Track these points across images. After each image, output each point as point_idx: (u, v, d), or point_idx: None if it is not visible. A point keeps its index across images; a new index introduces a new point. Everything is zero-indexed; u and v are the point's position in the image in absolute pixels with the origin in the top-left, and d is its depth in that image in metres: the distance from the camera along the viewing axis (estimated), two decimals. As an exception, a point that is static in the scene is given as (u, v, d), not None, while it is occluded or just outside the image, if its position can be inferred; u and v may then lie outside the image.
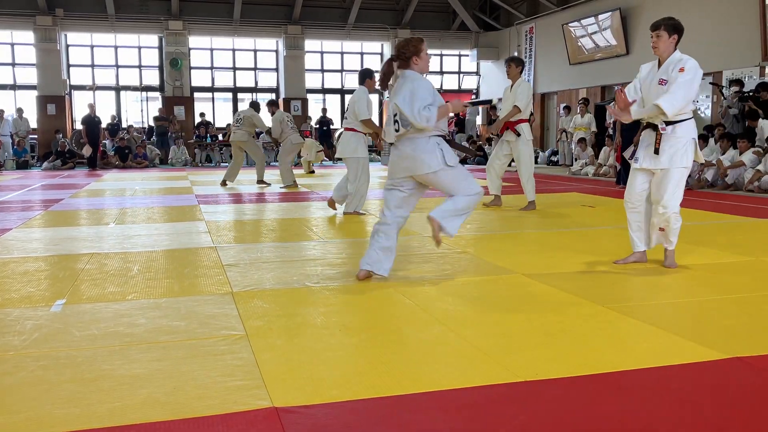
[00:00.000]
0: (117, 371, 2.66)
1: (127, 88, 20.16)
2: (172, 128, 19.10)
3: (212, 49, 20.73)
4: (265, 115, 11.30)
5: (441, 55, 22.30)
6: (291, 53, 20.32)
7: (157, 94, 20.29)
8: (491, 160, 8.11)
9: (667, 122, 4.33)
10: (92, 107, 17.38)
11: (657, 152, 4.35)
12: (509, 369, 2.68)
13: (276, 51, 21.04)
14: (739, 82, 11.99)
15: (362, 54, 21.85)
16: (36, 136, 18.95)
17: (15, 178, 13.96)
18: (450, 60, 22.57)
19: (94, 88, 19.58)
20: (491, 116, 19.01)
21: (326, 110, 20.47)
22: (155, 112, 19.62)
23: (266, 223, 7.20)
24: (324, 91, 21.71)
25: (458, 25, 21.65)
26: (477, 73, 22.39)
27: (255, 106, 11.40)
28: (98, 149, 17.49)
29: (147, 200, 9.35)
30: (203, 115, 19.73)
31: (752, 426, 2.20)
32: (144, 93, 20.26)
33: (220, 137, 19.43)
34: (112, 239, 5.97)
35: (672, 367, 2.69)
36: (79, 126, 17.77)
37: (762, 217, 7.26)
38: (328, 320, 3.43)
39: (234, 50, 20.86)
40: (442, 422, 2.23)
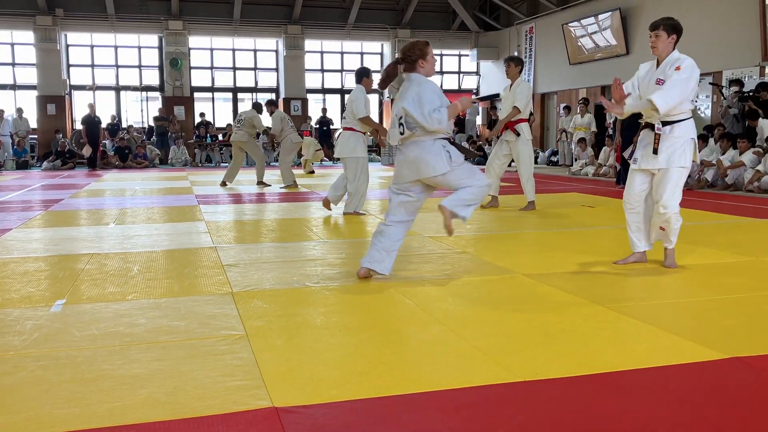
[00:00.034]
0: (117, 371, 2.66)
1: (127, 88, 20.16)
2: (172, 128, 19.10)
3: (212, 49, 20.74)
4: (266, 117, 11.32)
5: (441, 55, 22.28)
6: (291, 53, 20.33)
7: (157, 94, 20.30)
8: (491, 160, 8.10)
9: (665, 122, 4.33)
10: (92, 107, 17.39)
11: (655, 152, 4.35)
12: (509, 369, 2.68)
13: (276, 51, 21.05)
14: (739, 82, 11.99)
15: (362, 54, 21.85)
16: (36, 136, 18.95)
17: (15, 178, 13.96)
18: (450, 60, 22.58)
19: (94, 88, 19.59)
20: (491, 116, 19.02)
21: (326, 110, 20.48)
22: (155, 112, 19.62)
23: (266, 224, 7.21)
24: (324, 91, 21.71)
25: (458, 25, 21.66)
26: (477, 73, 22.40)
27: (257, 108, 11.42)
28: (98, 149, 17.49)
29: (147, 200, 9.35)
30: (203, 115, 19.74)
31: (752, 426, 2.20)
32: (144, 93, 20.26)
33: (220, 137, 19.44)
34: (112, 239, 5.97)
35: (672, 367, 2.69)
36: (79, 126, 17.78)
37: (762, 217, 7.26)
38: (328, 320, 3.44)
39: (234, 50, 20.86)
40: (442, 422, 2.23)
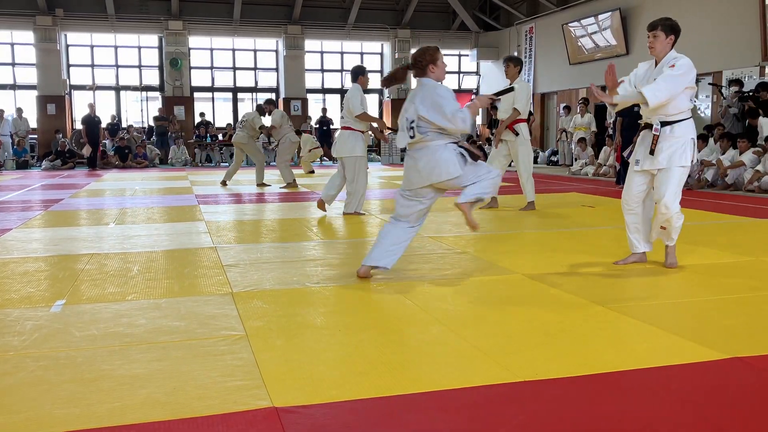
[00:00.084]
0: (117, 371, 2.66)
1: (127, 88, 20.16)
2: (172, 128, 19.10)
3: (212, 49, 20.73)
4: (267, 119, 11.33)
5: (441, 55, 22.28)
6: (291, 53, 20.32)
7: (157, 94, 20.29)
8: (490, 161, 8.08)
9: (666, 122, 4.33)
10: (92, 107, 17.39)
11: (652, 153, 4.35)
12: (509, 369, 2.68)
13: (276, 51, 21.04)
14: (739, 82, 11.99)
15: (362, 54, 21.84)
16: (36, 136, 18.95)
17: (15, 178, 13.96)
18: (450, 60, 22.54)
19: (94, 88, 19.58)
20: (491, 115, 19.00)
21: (326, 110, 20.48)
22: (155, 112, 19.62)
23: (266, 224, 7.20)
24: (324, 91, 21.71)
25: (458, 25, 21.65)
26: (477, 73, 22.39)
27: (260, 110, 11.43)
28: (98, 149, 17.49)
29: (147, 200, 9.35)
30: (203, 115, 19.74)
31: (752, 426, 2.20)
32: (144, 93, 20.26)
33: (220, 137, 19.44)
34: (112, 239, 5.97)
35: (672, 367, 2.69)
36: (79, 126, 17.78)
37: (762, 217, 7.26)
38: (328, 320, 3.44)
39: (234, 50, 20.85)
40: (442, 422, 2.23)
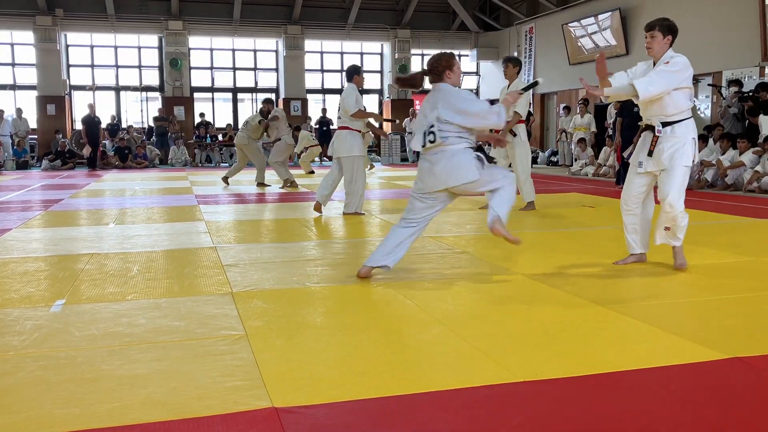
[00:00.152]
0: (117, 371, 2.66)
1: (127, 89, 20.16)
2: (172, 128, 19.10)
3: (212, 49, 20.73)
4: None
5: (441, 56, 22.28)
6: (291, 53, 20.32)
7: (157, 95, 20.29)
8: (490, 161, 8.08)
9: (666, 123, 4.33)
10: (92, 107, 17.38)
11: (650, 154, 4.34)
12: (509, 369, 2.68)
13: (276, 51, 21.04)
14: (738, 83, 11.99)
15: (362, 54, 21.85)
16: (36, 137, 18.94)
17: (15, 179, 13.96)
18: (450, 60, 22.56)
19: (94, 88, 19.58)
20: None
21: (326, 110, 20.47)
22: (155, 113, 19.61)
23: (266, 224, 7.20)
24: (324, 92, 21.70)
25: (458, 25, 21.65)
26: (477, 73, 22.39)
27: (261, 114, 11.44)
28: (98, 149, 17.49)
29: (147, 200, 9.35)
30: (203, 116, 19.73)
31: (752, 426, 2.20)
32: (144, 93, 20.26)
33: (220, 137, 19.44)
34: (112, 239, 5.97)
35: (672, 367, 2.69)
36: (79, 126, 17.78)
37: (762, 217, 7.26)
38: (328, 320, 3.44)
39: (234, 50, 20.86)
40: (442, 422, 2.23)
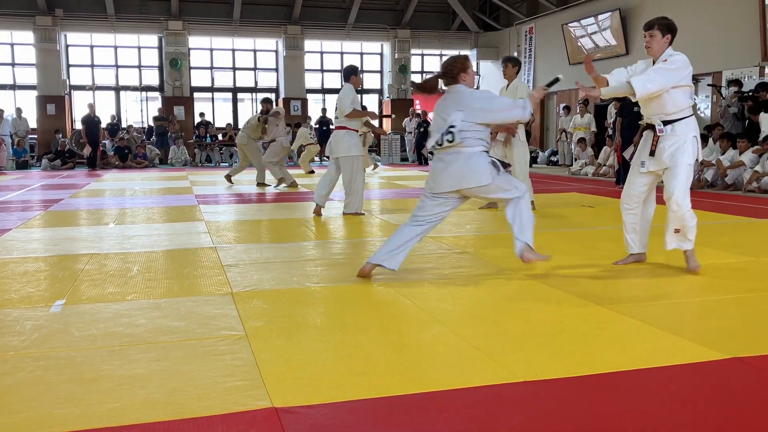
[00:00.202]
0: (116, 371, 2.66)
1: (127, 88, 20.16)
2: (172, 128, 19.10)
3: (212, 49, 20.73)
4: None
5: (441, 55, 22.29)
6: (291, 53, 20.32)
7: (157, 94, 20.29)
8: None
9: (667, 121, 4.32)
10: (92, 107, 17.38)
11: (652, 154, 4.33)
12: (509, 369, 2.67)
13: (276, 51, 21.04)
14: (738, 83, 11.99)
15: (362, 54, 21.85)
16: (36, 136, 18.94)
17: (15, 178, 13.95)
18: (450, 60, 22.57)
19: (94, 88, 19.58)
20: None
21: (326, 110, 20.46)
22: (155, 112, 19.61)
23: (266, 224, 7.20)
24: (324, 91, 21.70)
25: (458, 25, 21.65)
26: (477, 73, 22.40)
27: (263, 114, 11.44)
28: (98, 149, 17.49)
29: (147, 200, 9.35)
30: (203, 115, 19.73)
31: (752, 426, 2.20)
32: (144, 93, 20.26)
33: (220, 137, 19.43)
34: (112, 239, 5.97)
35: (672, 367, 2.69)
36: (79, 126, 17.78)
37: (762, 217, 7.26)
38: (328, 320, 3.44)
39: (234, 50, 20.86)
40: (442, 422, 2.23)
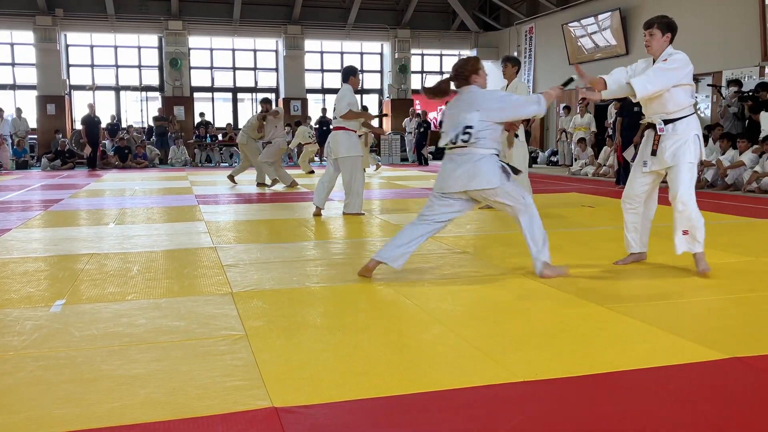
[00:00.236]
0: (116, 371, 2.66)
1: (127, 88, 20.16)
2: (172, 128, 19.10)
3: (212, 49, 20.73)
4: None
5: (441, 55, 22.31)
6: (291, 53, 20.31)
7: (157, 94, 20.29)
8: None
9: (668, 120, 4.31)
10: (92, 107, 17.37)
11: (654, 153, 4.33)
12: (509, 369, 2.68)
13: (276, 51, 21.04)
14: (738, 83, 11.99)
15: (362, 54, 21.84)
16: (35, 136, 18.94)
17: (15, 178, 13.95)
18: (450, 60, 22.52)
19: (94, 88, 19.58)
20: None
21: (326, 110, 20.45)
22: (155, 112, 19.61)
23: (266, 224, 7.20)
24: (324, 91, 21.70)
25: (458, 25, 21.65)
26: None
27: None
28: (98, 149, 17.49)
29: (147, 200, 9.35)
30: (203, 115, 19.73)
31: (752, 426, 2.20)
32: (144, 93, 20.26)
33: (220, 137, 19.43)
34: (112, 239, 5.97)
35: (672, 367, 2.69)
36: (79, 126, 17.78)
37: (762, 217, 7.26)
38: (328, 320, 3.44)
39: (234, 50, 20.85)
40: (442, 422, 2.23)
